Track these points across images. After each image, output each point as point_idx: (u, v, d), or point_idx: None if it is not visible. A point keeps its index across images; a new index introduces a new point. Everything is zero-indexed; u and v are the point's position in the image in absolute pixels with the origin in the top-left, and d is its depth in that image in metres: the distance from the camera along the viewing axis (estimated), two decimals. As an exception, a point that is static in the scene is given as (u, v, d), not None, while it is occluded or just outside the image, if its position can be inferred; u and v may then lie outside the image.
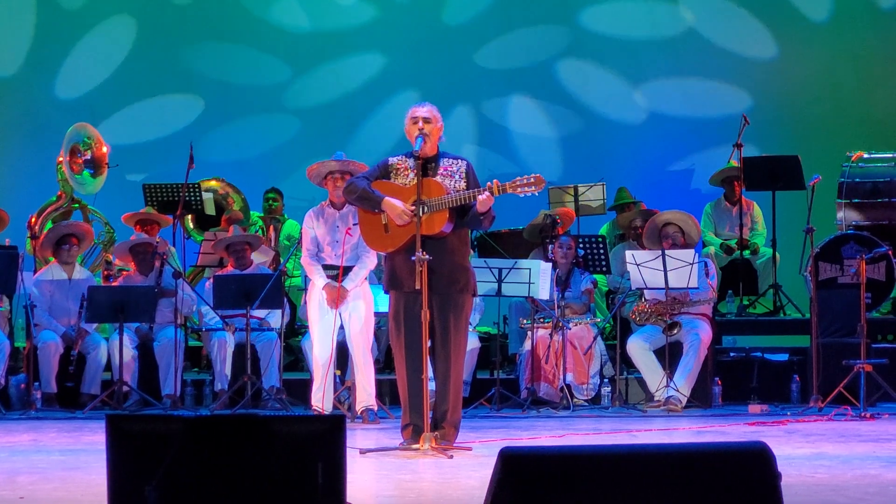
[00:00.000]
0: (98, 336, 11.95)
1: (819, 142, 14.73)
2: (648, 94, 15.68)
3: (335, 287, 10.23)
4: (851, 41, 15.45)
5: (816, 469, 7.55)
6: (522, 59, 15.70)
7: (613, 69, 15.67)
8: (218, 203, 14.21)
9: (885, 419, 10.46)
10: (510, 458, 4.60)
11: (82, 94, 15.77)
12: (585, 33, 15.76)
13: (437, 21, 15.85)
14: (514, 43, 15.78)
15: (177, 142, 13.69)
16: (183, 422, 4.65)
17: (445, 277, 8.36)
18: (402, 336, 8.47)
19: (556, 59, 15.75)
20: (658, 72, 15.64)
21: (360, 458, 8.15)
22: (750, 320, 12.93)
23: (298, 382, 11.71)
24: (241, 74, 15.85)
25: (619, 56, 15.65)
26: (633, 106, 15.65)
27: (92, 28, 15.89)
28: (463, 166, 8.55)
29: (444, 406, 8.44)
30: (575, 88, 15.73)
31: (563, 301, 11.77)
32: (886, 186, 12.68)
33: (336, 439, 4.71)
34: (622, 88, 15.66)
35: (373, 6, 15.90)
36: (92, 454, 8.32)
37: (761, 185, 13.27)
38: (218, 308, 11.58)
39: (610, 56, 15.68)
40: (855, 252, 11.84)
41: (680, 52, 15.61)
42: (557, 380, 11.44)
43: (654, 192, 14.54)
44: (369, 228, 8.63)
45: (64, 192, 13.71)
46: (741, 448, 4.80)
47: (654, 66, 15.63)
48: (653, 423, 10.46)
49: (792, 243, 12.72)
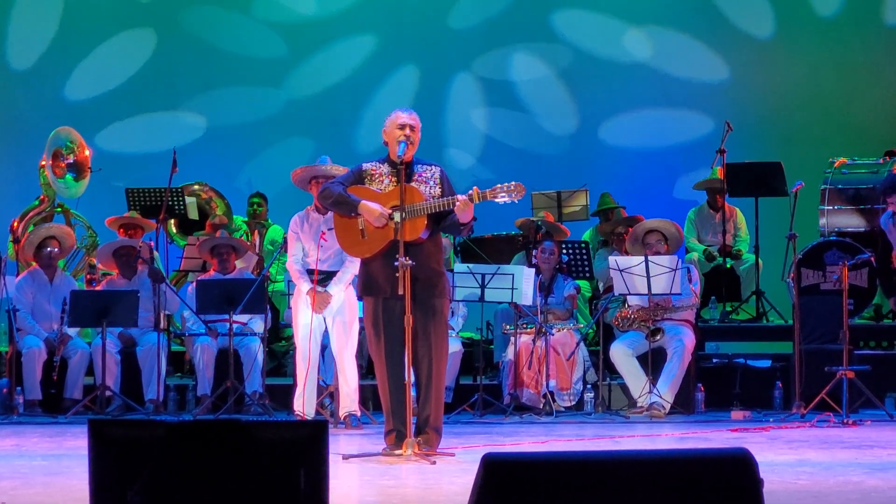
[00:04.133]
0: (80, 340, 11.92)
1: (802, 148, 14.76)
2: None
3: (320, 292, 10.23)
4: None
5: (799, 475, 7.56)
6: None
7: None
8: (201, 208, 14.19)
9: (867, 426, 10.48)
10: (493, 463, 4.60)
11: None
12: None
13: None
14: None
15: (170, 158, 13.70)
16: (165, 427, 4.64)
17: (423, 283, 8.34)
18: (381, 342, 8.45)
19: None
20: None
21: (342, 464, 8.15)
22: (733, 327, 12.94)
23: (281, 388, 11.70)
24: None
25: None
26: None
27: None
28: (437, 172, 8.55)
29: (427, 411, 8.43)
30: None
31: (546, 307, 11.77)
32: (869, 193, 12.71)
33: (319, 445, 4.71)
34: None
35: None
36: (74, 459, 8.30)
37: (744, 191, 13.30)
38: (201, 313, 11.55)
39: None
40: (837, 258, 11.87)
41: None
42: (540, 386, 11.44)
43: (636, 197, 14.57)
44: (345, 234, 8.60)
45: (46, 195, 13.68)
46: (724, 454, 4.81)
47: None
48: (635, 429, 10.47)
49: (775, 249, 12.74)
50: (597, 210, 14.00)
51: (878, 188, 12.28)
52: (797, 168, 13.06)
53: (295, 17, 15.93)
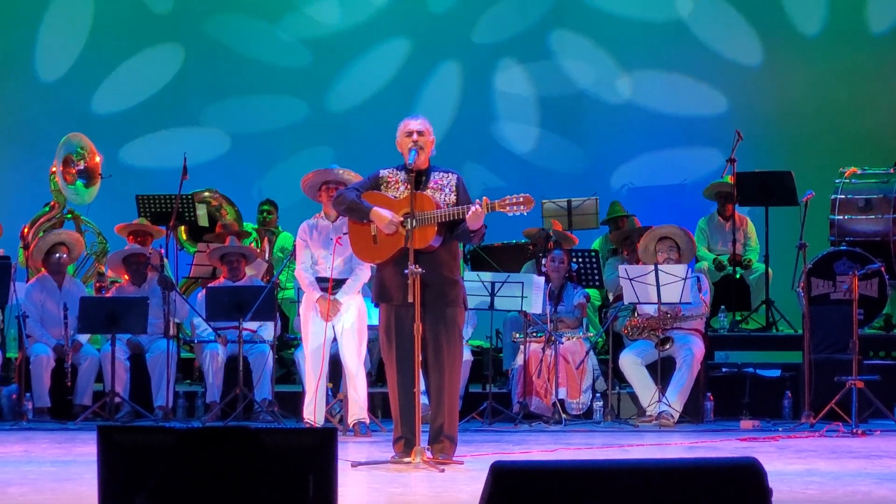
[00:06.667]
0: (90, 347, 11.93)
1: (811, 158, 14.75)
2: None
3: (328, 299, 10.23)
4: (841, 59, 15.50)
5: (808, 485, 7.55)
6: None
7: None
8: (211, 215, 14.19)
9: (876, 436, 10.46)
10: (501, 472, 4.59)
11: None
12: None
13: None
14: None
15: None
16: (174, 433, 4.64)
17: (435, 291, 8.34)
18: (393, 349, 8.46)
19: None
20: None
21: (351, 471, 8.15)
22: (742, 336, 12.93)
23: (290, 395, 11.70)
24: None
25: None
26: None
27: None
28: (453, 180, 8.55)
29: (440, 420, 8.42)
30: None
31: (556, 315, 11.77)
32: (879, 202, 12.69)
33: (328, 452, 4.70)
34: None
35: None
36: (83, 465, 8.31)
37: (754, 200, 13.29)
38: (210, 320, 11.56)
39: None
40: (847, 268, 11.84)
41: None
42: (549, 394, 11.43)
43: (646, 206, 14.56)
44: (358, 239, 8.63)
45: (57, 202, 13.70)
46: (732, 463, 4.80)
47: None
48: (644, 438, 10.47)
49: (785, 259, 12.73)
50: (606, 219, 13.99)
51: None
52: (807, 177, 13.05)
53: (320, 29, 15.95)
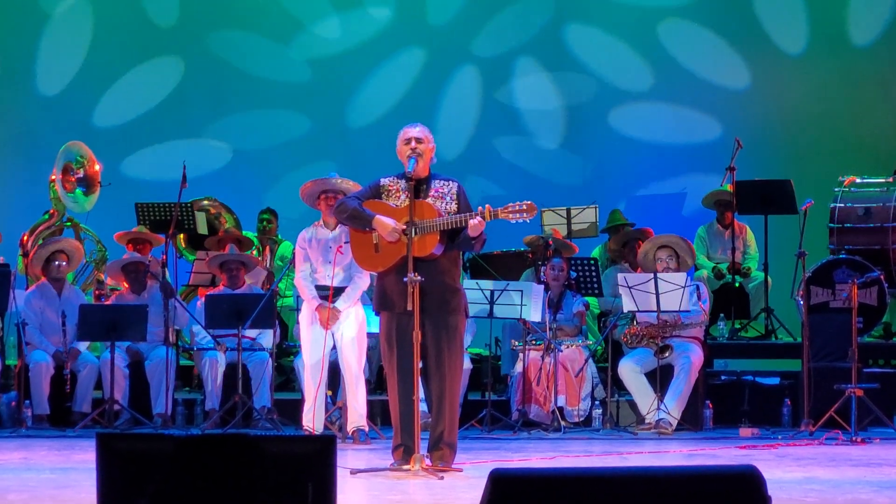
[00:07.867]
0: (89, 354, 11.94)
1: (811, 166, 14.76)
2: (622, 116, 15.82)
3: (327, 307, 10.24)
4: (828, 73, 15.50)
5: (807, 493, 7.55)
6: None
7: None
8: (210, 223, 14.19)
9: (875, 444, 10.46)
10: (500, 479, 4.59)
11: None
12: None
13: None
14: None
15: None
16: (173, 441, 4.64)
17: (437, 299, 8.35)
18: (394, 357, 8.46)
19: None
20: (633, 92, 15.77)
21: (350, 479, 8.14)
22: (741, 344, 12.94)
23: (289, 402, 11.70)
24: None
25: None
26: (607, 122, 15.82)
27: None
28: (454, 188, 8.55)
29: (441, 427, 8.42)
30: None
31: (555, 323, 11.77)
32: (878, 211, 12.69)
33: (327, 460, 4.70)
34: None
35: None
36: (82, 472, 8.31)
37: (754, 208, 13.29)
38: (209, 327, 11.57)
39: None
40: (847, 276, 11.85)
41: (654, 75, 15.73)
42: (549, 402, 11.44)
43: (645, 214, 14.56)
44: (360, 248, 8.63)
45: (56, 210, 13.70)
46: (731, 471, 4.80)
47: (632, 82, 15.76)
48: (643, 445, 10.46)
49: (784, 267, 12.74)
50: (606, 227, 13.99)
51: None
52: (807, 186, 13.06)
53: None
